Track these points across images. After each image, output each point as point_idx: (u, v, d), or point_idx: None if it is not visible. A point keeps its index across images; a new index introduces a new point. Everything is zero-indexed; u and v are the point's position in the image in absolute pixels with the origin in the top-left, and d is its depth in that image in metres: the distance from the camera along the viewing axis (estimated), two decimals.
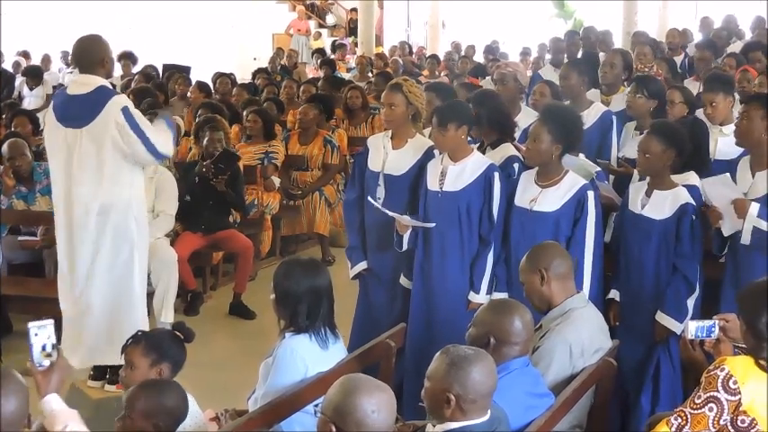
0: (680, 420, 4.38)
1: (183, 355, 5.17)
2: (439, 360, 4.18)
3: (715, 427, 4.32)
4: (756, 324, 4.36)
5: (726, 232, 6.26)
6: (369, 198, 6.97)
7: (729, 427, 4.32)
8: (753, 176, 6.34)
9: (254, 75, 17.13)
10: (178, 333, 5.25)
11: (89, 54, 6.94)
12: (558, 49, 14.14)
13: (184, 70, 15.49)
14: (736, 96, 7.97)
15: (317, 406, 4.01)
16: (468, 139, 6.89)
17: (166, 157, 7.51)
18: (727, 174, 6.37)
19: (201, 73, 16.25)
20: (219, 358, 8.40)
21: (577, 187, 6.36)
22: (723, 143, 7.43)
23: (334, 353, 5.22)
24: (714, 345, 4.85)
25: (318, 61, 20.26)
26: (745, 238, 6.14)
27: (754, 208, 6.09)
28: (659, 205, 6.37)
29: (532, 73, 13.40)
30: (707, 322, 4.89)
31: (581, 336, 5.16)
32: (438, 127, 6.62)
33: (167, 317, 8.18)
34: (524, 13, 29.51)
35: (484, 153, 7.06)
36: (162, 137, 6.94)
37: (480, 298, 6.54)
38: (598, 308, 5.67)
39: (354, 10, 26.78)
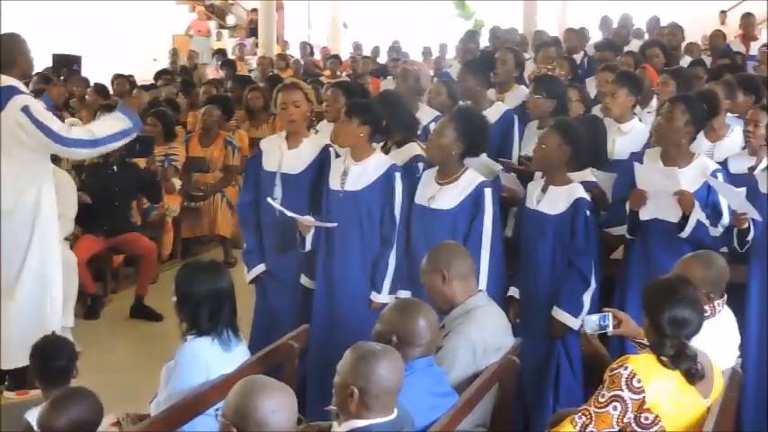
0: (584, 419, 4.42)
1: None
2: (348, 354, 4.18)
3: (619, 425, 4.39)
4: (659, 321, 4.43)
5: (643, 216, 6.34)
6: (268, 199, 6.93)
7: (633, 425, 4.39)
8: None
9: (157, 76, 16.98)
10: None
11: (1, 53, 6.83)
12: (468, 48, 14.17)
13: (75, 61, 15.30)
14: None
15: (218, 410, 3.97)
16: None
17: (93, 142, 7.29)
18: (675, 168, 6.40)
19: (99, 75, 16.05)
20: (120, 362, 8.33)
21: (475, 185, 6.40)
22: (621, 142, 7.53)
23: (237, 355, 5.18)
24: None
25: (219, 62, 20.13)
26: (686, 232, 6.21)
27: (698, 203, 6.18)
28: (554, 201, 6.43)
29: (434, 72, 13.45)
30: (598, 315, 5.02)
31: (483, 334, 5.18)
32: (344, 117, 6.64)
33: (67, 321, 8.03)
34: (425, 13, 29.62)
35: (389, 152, 7.08)
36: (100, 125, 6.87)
37: (382, 298, 6.56)
38: (499, 305, 5.70)
39: (255, 10, 26.65)
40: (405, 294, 6.49)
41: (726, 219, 6.31)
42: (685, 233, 6.20)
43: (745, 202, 6.09)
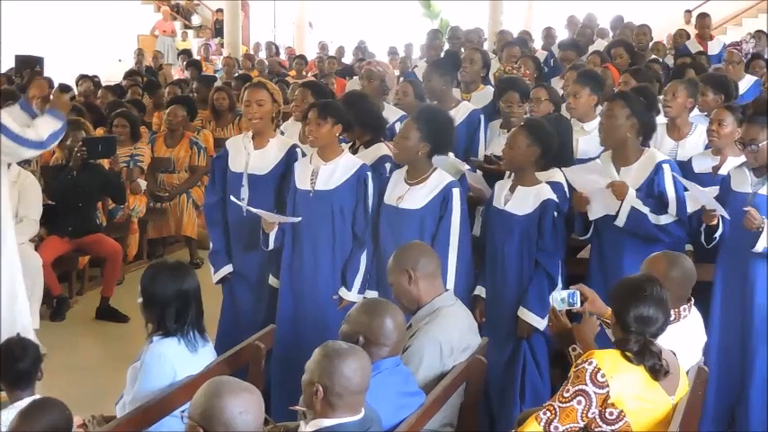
0: (549, 414, 4.44)
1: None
2: (316, 352, 4.19)
3: (584, 420, 4.40)
4: (625, 317, 4.46)
5: (591, 216, 6.38)
6: (231, 197, 6.92)
7: (598, 420, 4.40)
8: (617, 172, 6.45)
9: (126, 76, 16.92)
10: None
11: None
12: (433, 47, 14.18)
13: (37, 62, 15.17)
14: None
15: (183, 412, 3.95)
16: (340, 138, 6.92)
17: (40, 143, 7.27)
18: (597, 161, 6.45)
19: (64, 75, 15.96)
20: (86, 363, 8.27)
21: (443, 185, 6.42)
22: (584, 141, 7.56)
23: (204, 356, 5.17)
24: (577, 328, 4.97)
25: (184, 63, 20.08)
26: (621, 220, 6.26)
27: (632, 191, 6.23)
28: (522, 201, 6.46)
29: (399, 72, 13.45)
30: (568, 290, 5.06)
31: (450, 334, 5.19)
32: (317, 118, 6.62)
33: (32, 323, 8.02)
34: (391, 13, 29.63)
35: (356, 153, 7.08)
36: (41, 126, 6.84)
37: (351, 295, 6.57)
38: (466, 305, 5.71)
39: (220, 11, 26.59)
40: (372, 294, 6.51)
41: (673, 208, 6.31)
42: (620, 221, 6.27)
43: (713, 200, 6.12)
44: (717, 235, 6.28)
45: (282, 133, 7.72)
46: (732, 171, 6.49)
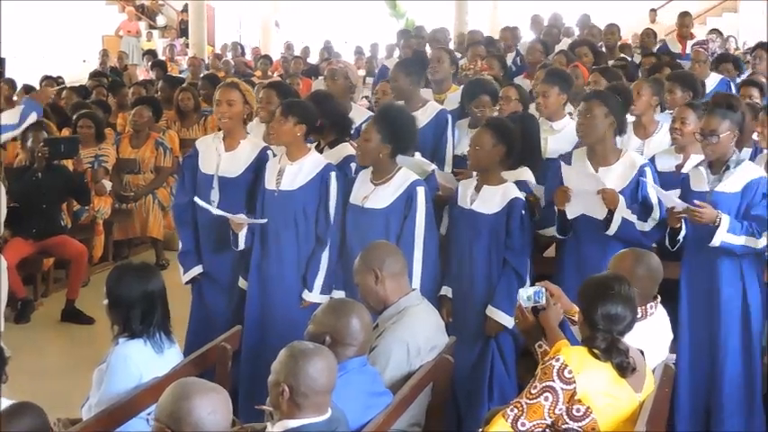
0: (516, 411, 4.45)
1: None
2: (282, 353, 4.19)
3: (551, 417, 4.41)
4: (592, 315, 4.48)
5: (570, 215, 6.38)
6: (195, 198, 6.88)
7: (565, 417, 4.42)
8: (596, 171, 6.44)
9: (90, 77, 16.84)
10: None
11: None
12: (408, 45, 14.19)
13: None
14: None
15: (150, 414, 3.94)
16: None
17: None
18: (598, 174, 6.43)
19: (28, 76, 15.88)
20: (52, 366, 8.24)
21: (407, 184, 6.42)
22: (554, 140, 7.56)
23: (170, 358, 5.16)
24: (543, 315, 5.01)
25: (149, 63, 20.01)
26: (612, 230, 6.26)
27: (623, 200, 6.24)
28: (489, 200, 6.46)
29: (366, 72, 13.46)
30: (534, 288, 5.07)
31: (417, 334, 5.19)
32: (280, 115, 6.62)
33: None
34: (357, 12, 29.63)
35: (321, 153, 7.06)
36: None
37: (313, 296, 6.56)
38: (433, 304, 5.71)
39: (185, 11, 26.51)
40: (339, 294, 6.51)
41: (656, 213, 6.35)
42: (611, 231, 6.26)
43: (680, 202, 6.15)
44: (680, 237, 6.31)
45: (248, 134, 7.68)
46: (690, 171, 6.52)
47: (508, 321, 6.31)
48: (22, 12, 24.04)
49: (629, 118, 7.67)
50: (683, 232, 6.28)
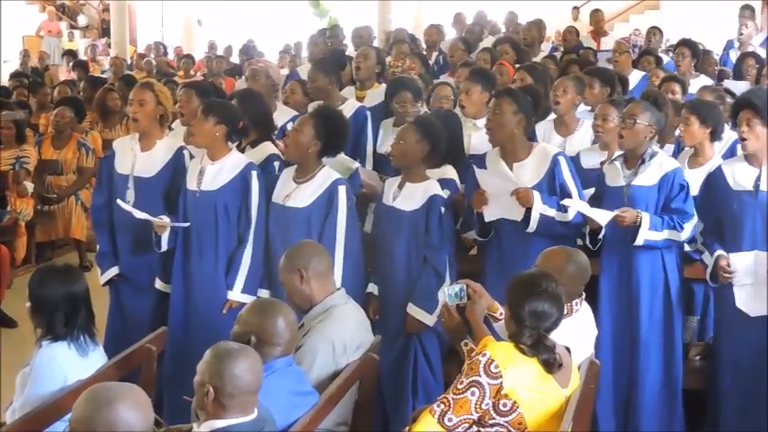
0: (443, 407, 4.46)
1: None
2: (207, 353, 4.18)
3: (477, 412, 4.43)
4: (519, 312, 4.52)
5: (488, 217, 6.41)
6: (118, 201, 6.83)
7: (491, 411, 4.44)
8: (510, 168, 6.48)
9: (11, 78, 16.67)
10: None
11: None
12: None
13: None
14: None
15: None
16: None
17: None
18: (511, 174, 6.46)
19: None
20: None
21: (329, 182, 6.44)
22: (477, 138, 7.58)
23: (94, 360, 5.12)
24: (470, 309, 5.05)
25: (70, 63, 19.83)
26: (532, 227, 6.29)
27: (538, 197, 6.26)
28: (410, 197, 6.49)
29: (289, 71, 13.42)
30: (456, 286, 5.11)
31: (343, 332, 5.19)
32: (200, 115, 6.61)
33: None
34: (281, 11, 29.55)
35: (243, 152, 7.04)
36: None
37: (236, 295, 6.54)
38: (358, 302, 5.72)
39: (106, 10, 26.29)
40: (264, 294, 6.49)
41: (576, 198, 6.36)
42: (531, 228, 6.30)
43: (609, 214, 6.20)
44: (601, 236, 6.36)
45: (171, 130, 7.64)
46: (605, 167, 6.60)
47: (428, 319, 6.35)
48: None
49: (551, 116, 7.77)
50: (603, 231, 6.34)
